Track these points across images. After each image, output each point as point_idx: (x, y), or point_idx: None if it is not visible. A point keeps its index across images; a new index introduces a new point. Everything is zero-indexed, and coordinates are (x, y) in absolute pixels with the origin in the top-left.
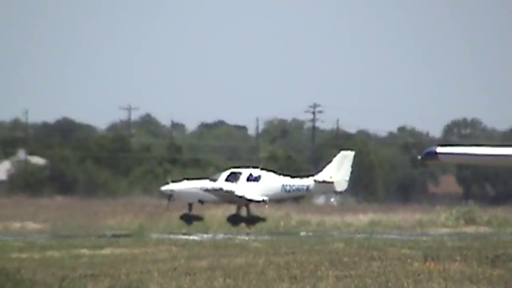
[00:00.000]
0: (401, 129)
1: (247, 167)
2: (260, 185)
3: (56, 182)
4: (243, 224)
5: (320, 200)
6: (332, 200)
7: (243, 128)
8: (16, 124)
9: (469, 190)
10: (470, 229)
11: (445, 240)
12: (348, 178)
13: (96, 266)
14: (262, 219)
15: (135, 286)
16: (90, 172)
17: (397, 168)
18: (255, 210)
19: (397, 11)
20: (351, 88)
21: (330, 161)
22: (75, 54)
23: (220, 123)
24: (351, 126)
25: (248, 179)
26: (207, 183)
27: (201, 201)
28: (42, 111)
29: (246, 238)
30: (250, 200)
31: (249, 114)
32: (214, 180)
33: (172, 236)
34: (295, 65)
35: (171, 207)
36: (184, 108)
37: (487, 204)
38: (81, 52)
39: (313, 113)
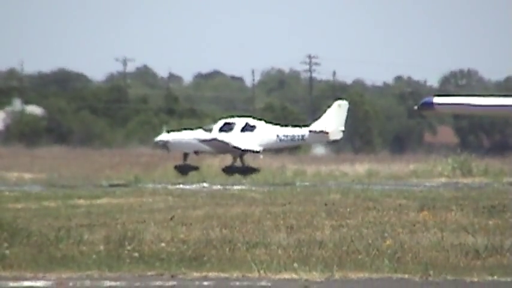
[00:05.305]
0: (398, 79)
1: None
2: (255, 135)
3: (52, 132)
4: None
5: (317, 150)
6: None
7: (240, 79)
8: (11, 74)
9: (465, 140)
10: (467, 179)
11: (441, 191)
12: (342, 128)
13: (92, 216)
14: (256, 170)
15: (131, 235)
16: (87, 123)
17: (393, 118)
18: (249, 160)
19: None
20: (347, 38)
21: (326, 112)
22: (72, 5)
23: (216, 74)
24: (347, 77)
25: (243, 129)
26: (201, 134)
27: (196, 152)
28: (38, 62)
29: (243, 188)
30: (245, 150)
31: (246, 65)
32: (209, 131)
33: (168, 186)
34: (291, 16)
35: (170, 157)
36: (181, 60)
37: (483, 154)
38: (77, 2)
39: (309, 63)
